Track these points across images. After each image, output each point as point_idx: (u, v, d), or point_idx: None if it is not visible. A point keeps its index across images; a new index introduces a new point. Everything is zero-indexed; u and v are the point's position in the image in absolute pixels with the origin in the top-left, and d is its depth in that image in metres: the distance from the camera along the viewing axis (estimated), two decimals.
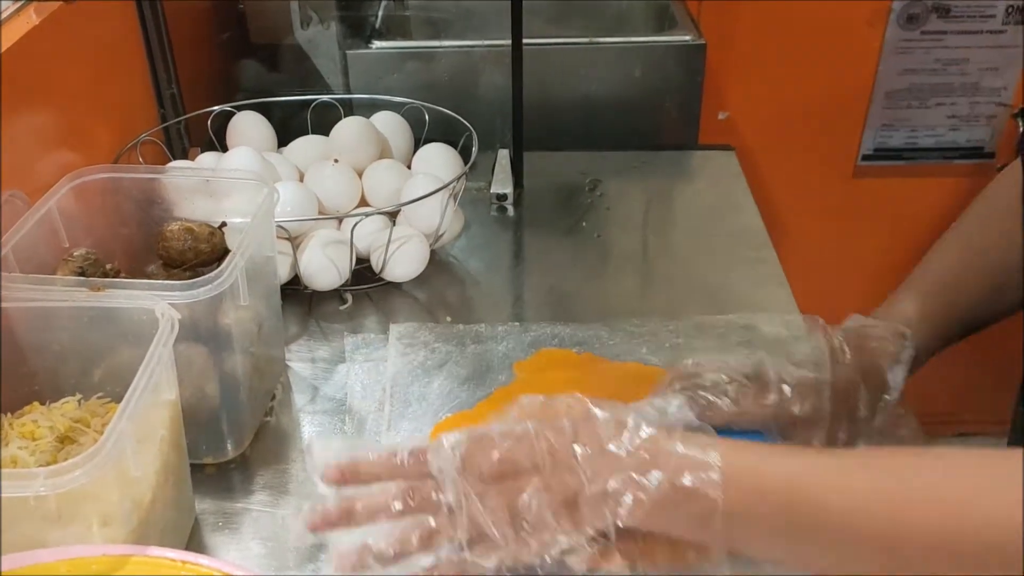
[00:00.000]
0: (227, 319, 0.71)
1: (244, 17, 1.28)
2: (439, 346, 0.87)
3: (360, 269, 0.96)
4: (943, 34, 1.55)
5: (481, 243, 1.06)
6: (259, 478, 0.75)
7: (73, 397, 0.69)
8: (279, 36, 1.26)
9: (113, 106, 1.05)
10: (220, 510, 0.72)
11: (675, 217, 1.15)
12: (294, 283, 0.94)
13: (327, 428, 0.80)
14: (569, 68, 1.27)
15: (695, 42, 1.28)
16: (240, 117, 1.07)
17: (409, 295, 0.97)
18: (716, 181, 1.19)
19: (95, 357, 0.68)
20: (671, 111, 1.29)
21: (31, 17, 0.88)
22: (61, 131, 0.92)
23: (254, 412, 0.79)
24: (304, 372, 0.86)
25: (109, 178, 0.80)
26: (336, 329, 0.91)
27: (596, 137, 1.30)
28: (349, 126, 1.04)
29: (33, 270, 0.71)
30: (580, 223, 1.09)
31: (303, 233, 0.94)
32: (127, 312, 0.65)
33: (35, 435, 0.65)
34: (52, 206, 0.76)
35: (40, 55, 0.88)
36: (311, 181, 0.99)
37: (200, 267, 0.81)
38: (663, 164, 1.24)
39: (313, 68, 1.26)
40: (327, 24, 1.24)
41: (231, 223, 0.84)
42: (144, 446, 0.62)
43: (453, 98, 1.15)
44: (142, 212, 0.83)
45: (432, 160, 1.03)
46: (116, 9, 1.06)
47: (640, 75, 1.27)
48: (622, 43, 1.28)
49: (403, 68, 1.26)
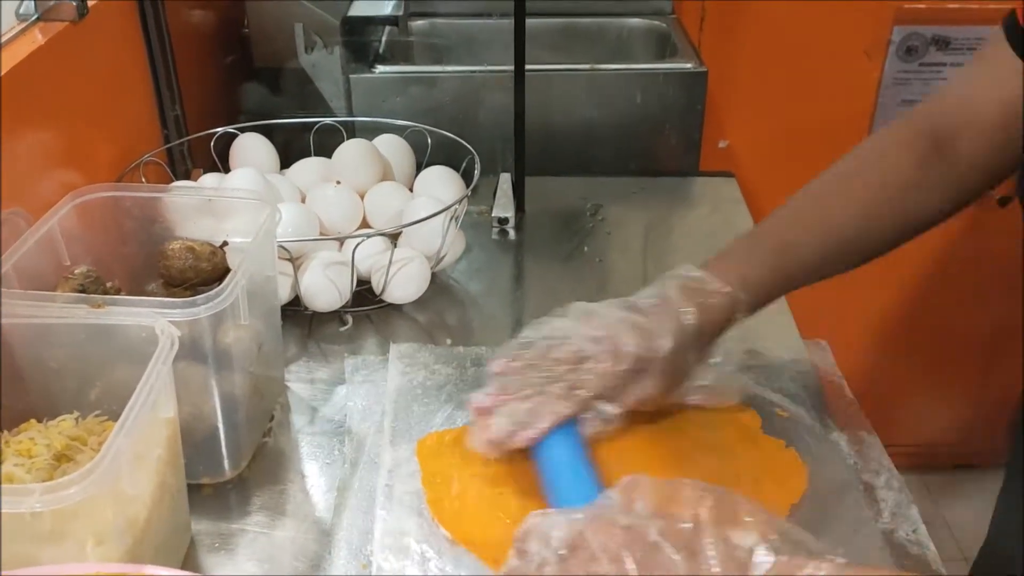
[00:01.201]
0: (227, 338, 0.71)
1: (248, 41, 1.29)
2: (439, 368, 0.86)
3: (361, 291, 0.96)
4: (942, 66, 1.56)
5: (482, 266, 1.06)
6: (256, 499, 0.74)
7: (71, 415, 0.68)
8: (283, 60, 1.27)
9: (117, 126, 1.05)
10: (216, 531, 0.71)
11: (676, 242, 1.15)
12: (294, 304, 0.94)
13: (325, 450, 0.79)
14: (571, 94, 1.28)
15: (696, 70, 1.29)
16: (243, 139, 1.08)
17: (409, 317, 0.97)
18: (717, 207, 1.19)
19: (93, 374, 0.68)
20: (672, 138, 1.30)
21: (36, 37, 0.89)
22: (64, 150, 0.92)
23: (252, 432, 0.78)
24: (303, 393, 0.86)
25: (111, 197, 0.80)
26: (336, 350, 0.91)
27: (597, 163, 1.31)
28: (351, 148, 1.04)
29: (34, 287, 0.70)
30: (581, 247, 1.09)
31: (304, 254, 0.94)
32: (126, 329, 0.65)
33: (31, 453, 0.65)
34: (54, 224, 0.76)
35: (45, 75, 0.88)
36: (313, 202, 0.99)
37: (201, 286, 0.81)
38: (664, 190, 1.24)
39: (316, 91, 1.27)
40: (331, 48, 1.25)
41: (232, 243, 0.84)
42: (141, 464, 0.61)
43: (455, 122, 1.15)
44: (144, 231, 0.83)
45: (434, 183, 1.03)
46: (121, 31, 1.07)
47: (641, 102, 1.28)
48: (624, 70, 1.29)
49: (406, 92, 1.26)
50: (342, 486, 0.74)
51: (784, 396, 0.81)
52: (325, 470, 0.77)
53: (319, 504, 0.74)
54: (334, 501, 0.73)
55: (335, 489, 0.74)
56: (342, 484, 0.75)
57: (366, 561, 0.67)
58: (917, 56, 1.55)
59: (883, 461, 0.76)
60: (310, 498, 0.75)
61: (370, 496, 0.73)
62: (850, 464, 0.75)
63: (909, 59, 1.55)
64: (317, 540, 0.70)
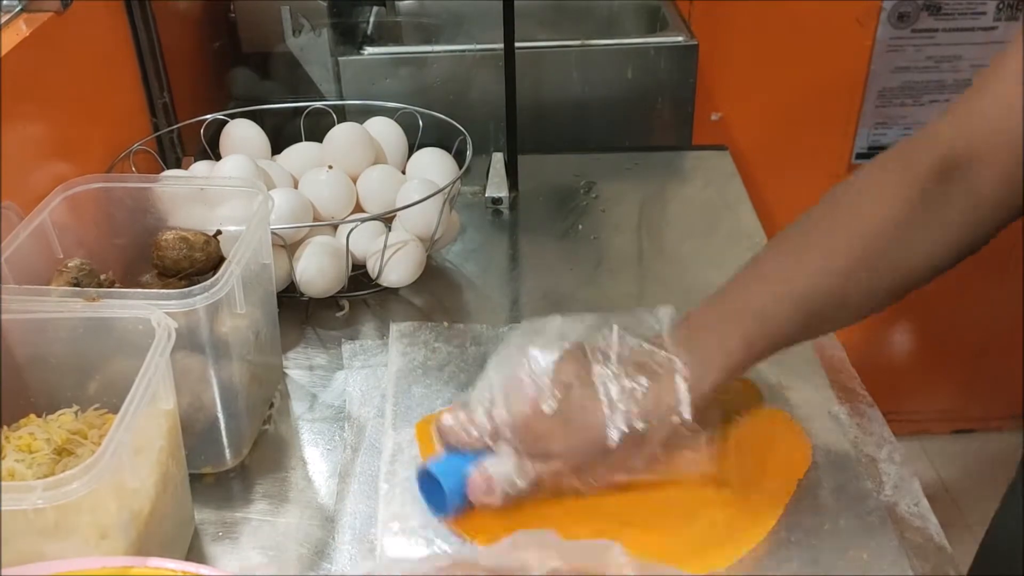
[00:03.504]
0: (224, 327, 0.71)
1: (235, 25, 1.28)
2: (440, 346, 0.86)
3: (356, 275, 0.96)
4: (934, 32, 1.55)
5: (477, 247, 1.06)
6: (258, 487, 0.75)
7: (70, 409, 0.68)
8: (271, 44, 1.26)
9: (105, 116, 1.04)
10: (220, 520, 0.71)
11: (670, 218, 1.15)
12: (290, 290, 0.93)
13: (326, 436, 0.79)
14: (562, 71, 1.27)
15: (687, 43, 1.28)
16: (233, 125, 1.07)
17: (406, 300, 0.97)
18: (711, 181, 1.19)
19: (91, 368, 0.68)
20: (664, 112, 1.30)
21: (21, 28, 0.88)
22: (53, 142, 0.91)
23: (252, 420, 0.78)
24: (302, 380, 0.86)
25: (102, 188, 0.80)
26: (333, 336, 0.91)
27: (590, 139, 1.30)
28: (342, 132, 1.04)
29: (27, 281, 0.70)
30: (575, 225, 1.09)
31: (298, 240, 0.94)
32: (123, 322, 0.65)
33: (32, 448, 0.65)
34: (45, 217, 0.75)
35: (31, 66, 0.87)
36: (305, 188, 0.99)
37: (195, 276, 0.81)
38: (657, 165, 1.23)
39: (305, 75, 1.26)
40: (318, 31, 1.24)
41: (226, 231, 0.83)
42: (142, 456, 0.61)
43: (446, 103, 1.14)
44: (136, 222, 0.83)
45: (426, 165, 1.03)
46: (107, 19, 1.06)
47: (632, 76, 1.27)
48: (614, 45, 1.28)
49: (395, 73, 1.25)
50: (344, 471, 0.74)
51: (784, 370, 0.81)
52: (326, 456, 0.77)
53: (321, 490, 0.74)
54: (336, 487, 0.73)
55: (337, 475, 0.75)
56: (344, 469, 0.75)
57: (370, 545, 0.68)
58: (909, 22, 1.54)
59: (884, 434, 0.76)
60: (312, 484, 0.75)
61: (372, 481, 0.73)
62: (851, 437, 0.75)
63: (901, 26, 1.54)
64: (321, 526, 0.71)
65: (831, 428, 0.76)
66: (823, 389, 0.80)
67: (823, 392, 0.80)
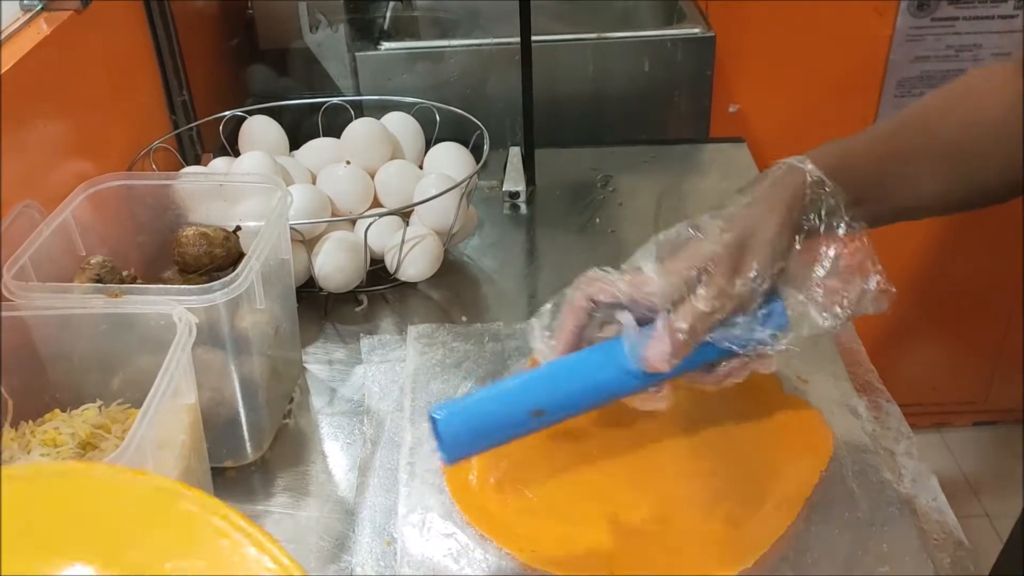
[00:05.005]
0: (244, 322, 0.71)
1: (253, 22, 1.29)
2: (457, 345, 0.87)
3: (375, 270, 0.96)
4: (954, 20, 1.54)
5: (495, 241, 1.06)
6: (280, 480, 0.75)
7: (93, 404, 0.69)
8: (288, 40, 1.26)
9: (125, 114, 1.05)
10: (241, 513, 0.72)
11: (688, 210, 1.14)
12: (309, 285, 0.94)
13: (345, 430, 0.80)
14: (578, 64, 1.27)
15: (704, 35, 1.27)
16: (251, 122, 1.07)
17: (424, 295, 0.97)
18: (728, 173, 1.19)
19: (114, 363, 0.69)
20: (681, 105, 1.29)
21: (42, 27, 0.89)
22: (74, 140, 0.92)
23: (273, 415, 0.79)
24: (321, 374, 0.87)
25: (123, 186, 0.81)
26: (352, 330, 0.92)
27: (606, 132, 1.30)
28: (360, 127, 1.04)
29: (50, 279, 0.71)
30: (593, 219, 1.09)
31: (317, 235, 0.94)
32: (145, 318, 0.66)
33: (57, 442, 0.66)
34: (68, 215, 0.76)
35: (51, 65, 0.88)
36: (323, 183, 0.99)
37: (216, 271, 0.81)
38: (674, 158, 1.23)
39: (323, 71, 1.26)
40: (335, 27, 1.24)
41: (245, 227, 0.84)
42: (164, 451, 0.62)
43: (463, 97, 1.15)
44: (157, 218, 0.84)
45: (444, 159, 1.03)
46: (126, 18, 1.06)
47: (649, 69, 1.27)
48: (631, 37, 1.28)
49: (412, 68, 1.26)
50: (363, 465, 0.75)
51: (803, 363, 0.81)
52: (346, 449, 0.78)
53: (341, 483, 0.75)
54: (356, 480, 0.74)
55: (356, 468, 0.75)
56: (363, 463, 0.75)
57: (390, 538, 0.68)
58: (929, 11, 1.53)
59: (903, 429, 0.75)
60: (332, 478, 0.75)
61: (392, 474, 0.73)
62: (870, 431, 0.75)
63: (921, 14, 1.53)
64: (341, 519, 0.71)
65: (850, 421, 0.76)
66: (842, 381, 0.80)
67: (842, 385, 0.79)
